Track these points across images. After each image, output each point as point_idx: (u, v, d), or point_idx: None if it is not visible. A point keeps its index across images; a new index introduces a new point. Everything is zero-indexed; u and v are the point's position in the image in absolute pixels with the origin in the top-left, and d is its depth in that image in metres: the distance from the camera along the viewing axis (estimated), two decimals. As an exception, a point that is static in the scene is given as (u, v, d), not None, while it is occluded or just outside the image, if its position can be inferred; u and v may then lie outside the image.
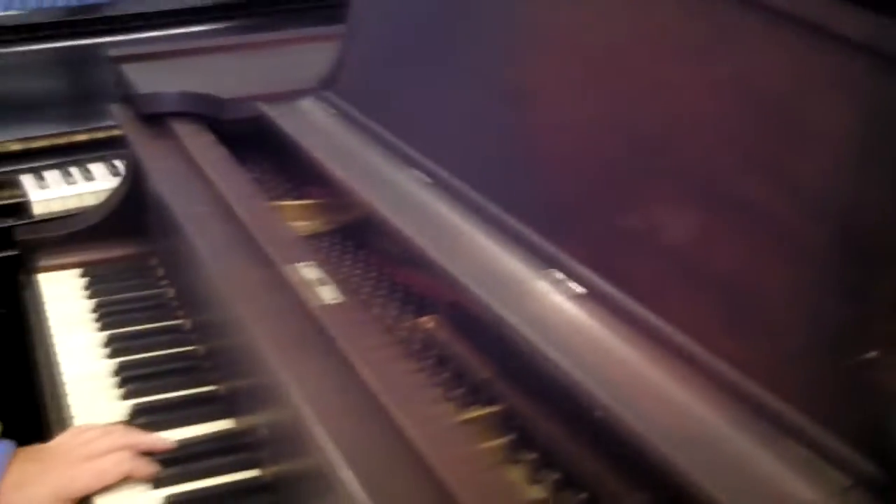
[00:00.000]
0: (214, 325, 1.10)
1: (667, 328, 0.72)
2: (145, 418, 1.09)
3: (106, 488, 0.99)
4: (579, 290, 0.80)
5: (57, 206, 1.70)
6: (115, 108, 1.38)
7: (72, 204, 1.70)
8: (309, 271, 0.91)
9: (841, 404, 0.61)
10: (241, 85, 1.34)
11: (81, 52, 1.95)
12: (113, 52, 1.42)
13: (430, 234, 0.91)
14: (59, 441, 1.05)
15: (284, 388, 0.79)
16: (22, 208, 1.70)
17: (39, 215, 1.69)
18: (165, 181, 1.16)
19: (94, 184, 1.75)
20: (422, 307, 1.00)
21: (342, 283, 0.90)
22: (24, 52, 1.92)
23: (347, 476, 0.68)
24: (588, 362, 0.72)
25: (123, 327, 1.27)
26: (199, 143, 1.22)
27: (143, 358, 1.21)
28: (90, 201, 1.68)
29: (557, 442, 0.78)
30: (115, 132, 1.85)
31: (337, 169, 1.06)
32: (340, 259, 1.10)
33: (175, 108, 1.29)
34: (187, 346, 1.22)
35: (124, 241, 1.45)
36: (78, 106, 1.89)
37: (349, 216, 1.19)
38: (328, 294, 0.87)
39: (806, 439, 0.62)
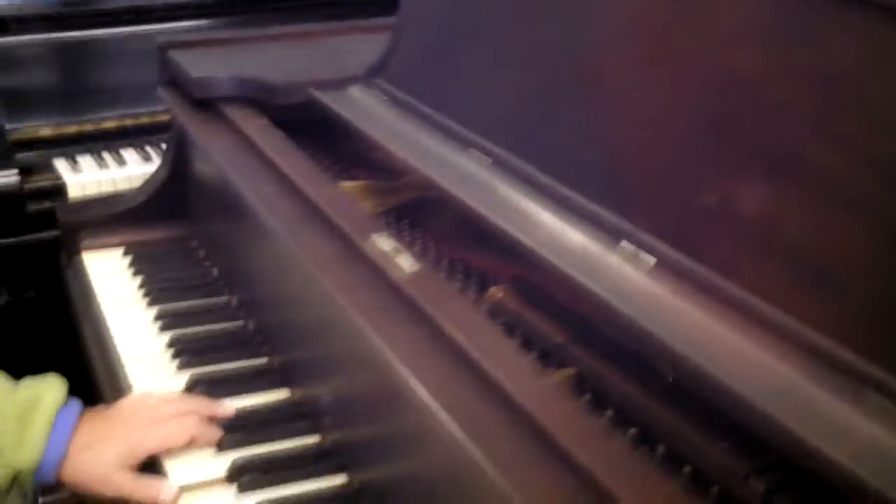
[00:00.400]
0: (283, 299, 1.14)
1: (742, 293, 0.76)
2: (202, 388, 1.13)
3: (173, 452, 1.02)
4: (652, 260, 0.85)
5: (92, 190, 1.74)
6: (163, 92, 1.42)
7: (106, 188, 1.75)
8: (385, 243, 0.95)
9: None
10: (286, 72, 1.38)
11: (108, 44, 1.98)
12: (160, 40, 1.45)
13: (498, 210, 0.95)
14: (126, 403, 1.08)
15: (380, 352, 0.82)
16: (57, 191, 1.73)
17: (74, 199, 1.73)
18: (228, 162, 1.19)
19: (127, 168, 1.80)
20: (483, 282, 1.04)
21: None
22: (50, 41, 1.95)
23: (455, 430, 0.72)
24: (668, 325, 0.76)
25: (172, 303, 1.31)
26: (255, 126, 1.25)
27: (195, 332, 1.25)
28: (123, 185, 1.73)
29: (632, 400, 0.83)
30: (144, 119, 1.91)
31: (400, 150, 1.09)
32: (398, 238, 1.14)
33: (229, 92, 1.32)
34: (236, 321, 1.27)
35: (165, 223, 1.49)
36: (106, 94, 1.92)
37: (401, 197, 1.23)
38: (406, 263, 0.91)
39: (885, 390, 0.67)
